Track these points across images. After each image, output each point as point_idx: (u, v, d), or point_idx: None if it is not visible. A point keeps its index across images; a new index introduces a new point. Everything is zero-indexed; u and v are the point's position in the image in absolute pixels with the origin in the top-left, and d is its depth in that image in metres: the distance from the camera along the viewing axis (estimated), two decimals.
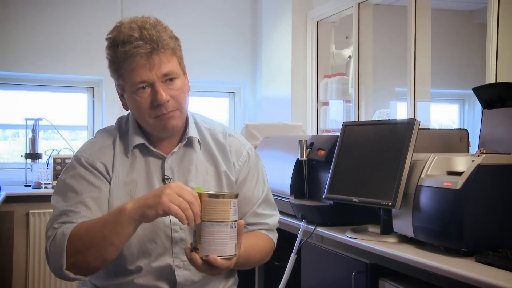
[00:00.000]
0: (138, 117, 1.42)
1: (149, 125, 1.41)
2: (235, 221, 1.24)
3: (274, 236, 1.61)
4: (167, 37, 1.36)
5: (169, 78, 1.37)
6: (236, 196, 1.25)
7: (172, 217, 1.41)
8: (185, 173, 1.46)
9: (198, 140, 1.50)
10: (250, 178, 1.55)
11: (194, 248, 1.24)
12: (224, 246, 1.22)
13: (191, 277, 1.43)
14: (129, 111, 1.48)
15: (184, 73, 1.45)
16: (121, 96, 1.46)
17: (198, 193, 1.24)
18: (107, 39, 1.39)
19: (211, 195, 1.23)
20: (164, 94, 1.35)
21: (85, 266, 1.28)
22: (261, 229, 1.56)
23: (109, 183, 1.41)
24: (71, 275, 1.28)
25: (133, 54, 1.32)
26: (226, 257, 1.23)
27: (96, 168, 1.41)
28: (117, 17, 4.28)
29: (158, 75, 1.35)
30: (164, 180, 1.44)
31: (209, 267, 1.23)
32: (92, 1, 4.33)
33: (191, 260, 1.24)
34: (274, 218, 1.60)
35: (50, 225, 1.34)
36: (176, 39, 1.41)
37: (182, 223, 1.19)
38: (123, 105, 1.46)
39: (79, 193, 1.37)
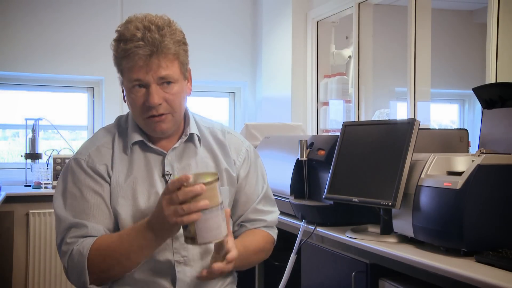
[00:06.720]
0: (133, 114, 1.44)
1: (141, 124, 1.43)
2: (222, 201, 1.24)
3: (274, 233, 1.63)
4: (171, 41, 1.34)
5: (166, 81, 1.37)
6: (217, 175, 1.23)
7: None
8: (185, 169, 1.46)
9: (198, 137, 1.51)
10: (251, 175, 1.57)
11: (191, 239, 1.22)
12: (219, 229, 1.23)
13: (191, 273, 1.43)
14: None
15: (187, 78, 1.44)
16: (123, 90, 1.47)
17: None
18: (116, 31, 1.39)
19: None
20: (156, 97, 1.35)
21: (108, 279, 1.38)
22: (261, 226, 1.58)
23: (110, 183, 1.41)
24: (95, 287, 1.35)
25: (133, 53, 1.33)
26: (222, 238, 1.24)
27: (97, 172, 1.42)
28: (117, 17, 4.29)
29: (154, 77, 1.35)
30: (164, 175, 1.44)
31: (212, 275, 1.32)
32: (93, 2, 4.32)
33: (211, 274, 1.32)
34: (273, 214, 1.62)
35: (61, 239, 1.37)
36: (183, 43, 1.40)
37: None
38: (123, 97, 1.48)
39: (83, 202, 1.39)
